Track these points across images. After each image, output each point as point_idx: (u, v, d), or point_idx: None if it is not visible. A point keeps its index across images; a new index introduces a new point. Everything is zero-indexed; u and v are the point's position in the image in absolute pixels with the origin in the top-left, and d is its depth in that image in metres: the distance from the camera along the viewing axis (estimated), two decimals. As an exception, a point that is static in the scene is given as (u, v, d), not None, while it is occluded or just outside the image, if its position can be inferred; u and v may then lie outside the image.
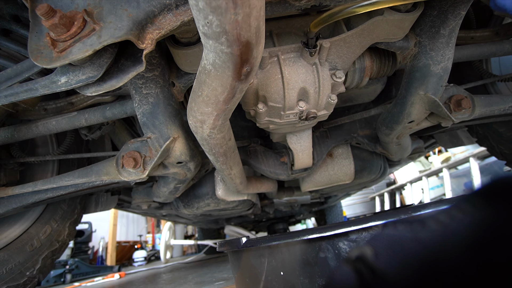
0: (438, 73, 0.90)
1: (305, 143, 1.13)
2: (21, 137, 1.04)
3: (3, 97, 0.66)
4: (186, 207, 1.59)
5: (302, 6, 0.69)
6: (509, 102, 1.09)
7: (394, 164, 1.80)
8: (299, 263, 0.60)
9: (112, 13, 0.55)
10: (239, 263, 0.76)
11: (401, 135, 1.17)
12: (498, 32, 1.16)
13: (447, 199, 0.65)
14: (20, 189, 1.04)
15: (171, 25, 0.58)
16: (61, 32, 0.52)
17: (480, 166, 3.41)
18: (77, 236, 4.90)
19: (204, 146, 0.83)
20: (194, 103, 0.66)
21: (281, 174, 1.32)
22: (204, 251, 4.44)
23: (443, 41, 0.85)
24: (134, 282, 2.30)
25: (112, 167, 0.97)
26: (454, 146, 1.82)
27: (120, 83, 0.61)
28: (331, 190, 2.09)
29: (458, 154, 4.70)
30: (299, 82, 0.81)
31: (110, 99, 1.08)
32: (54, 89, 0.61)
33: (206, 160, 1.22)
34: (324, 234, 0.57)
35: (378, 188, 5.82)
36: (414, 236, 0.25)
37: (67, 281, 3.71)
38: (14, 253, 1.24)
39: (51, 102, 1.09)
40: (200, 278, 1.86)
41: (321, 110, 0.90)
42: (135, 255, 5.67)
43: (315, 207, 3.48)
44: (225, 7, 0.39)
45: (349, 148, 1.45)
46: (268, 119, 0.91)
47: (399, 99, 1.03)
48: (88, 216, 3.65)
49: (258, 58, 0.54)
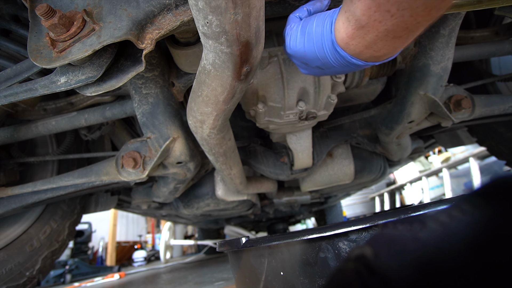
0: (438, 73, 0.90)
1: (305, 143, 1.13)
2: (21, 137, 1.03)
3: (3, 97, 0.66)
4: (186, 207, 1.59)
5: (302, 6, 0.69)
6: (509, 102, 1.09)
7: (394, 164, 1.80)
8: (299, 263, 0.60)
9: (111, 13, 0.55)
10: (239, 263, 0.76)
11: (401, 135, 1.17)
12: (498, 32, 1.16)
13: (447, 199, 0.65)
14: (20, 189, 1.04)
15: (170, 25, 0.58)
16: (61, 32, 0.52)
17: (480, 166, 3.41)
18: (77, 236, 4.89)
19: (204, 146, 0.83)
20: (194, 103, 0.66)
21: (281, 174, 1.32)
22: (204, 251, 4.44)
23: (443, 41, 0.85)
24: (134, 282, 2.30)
25: (112, 167, 0.97)
26: (454, 146, 1.82)
27: (120, 83, 0.60)
28: (331, 190, 2.09)
29: (458, 154, 4.70)
30: (299, 82, 0.81)
31: (109, 99, 1.08)
32: (54, 89, 0.61)
33: (206, 160, 1.21)
34: (324, 234, 0.56)
35: (378, 188, 5.82)
36: (414, 236, 0.25)
37: (67, 281, 3.70)
38: (14, 253, 1.24)
39: (50, 102, 1.09)
40: (200, 278, 1.86)
41: (321, 110, 0.90)
42: (135, 255, 5.66)
43: (315, 207, 3.48)
44: (225, 7, 0.39)
45: (349, 148, 1.45)
46: (268, 119, 0.91)
47: (399, 99, 1.03)
48: (88, 216, 3.66)
49: (258, 58, 0.54)
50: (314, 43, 0.50)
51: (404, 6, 0.36)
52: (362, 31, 0.42)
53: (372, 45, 0.43)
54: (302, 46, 0.52)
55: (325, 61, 0.50)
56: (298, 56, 0.55)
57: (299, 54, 0.55)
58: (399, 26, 0.39)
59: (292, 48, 0.55)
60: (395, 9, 0.37)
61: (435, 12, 0.37)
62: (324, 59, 0.50)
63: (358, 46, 0.44)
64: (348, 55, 0.46)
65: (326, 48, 0.48)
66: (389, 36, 0.41)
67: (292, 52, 0.56)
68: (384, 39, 0.42)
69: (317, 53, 0.50)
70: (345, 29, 0.44)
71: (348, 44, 0.45)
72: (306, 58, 0.54)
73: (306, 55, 0.53)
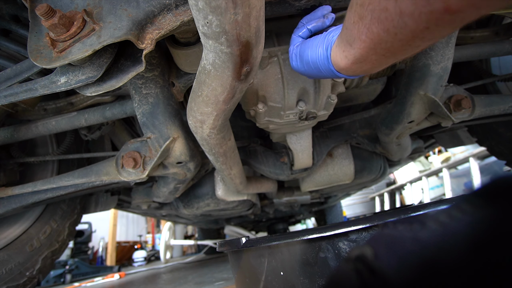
0: (438, 73, 0.90)
1: (305, 143, 1.13)
2: (21, 137, 1.03)
3: (3, 97, 0.66)
4: (186, 207, 1.59)
5: (302, 6, 0.69)
6: (509, 102, 1.09)
7: (394, 164, 1.80)
8: (299, 263, 0.60)
9: (111, 13, 0.55)
10: (239, 263, 0.76)
11: (401, 135, 1.17)
12: (498, 32, 1.16)
13: (447, 199, 0.65)
14: (20, 189, 1.04)
15: (170, 25, 0.58)
16: (61, 32, 0.52)
17: (480, 166, 3.40)
18: (77, 236, 4.89)
19: (204, 146, 0.83)
20: (194, 103, 0.66)
21: (281, 174, 1.32)
22: (204, 251, 4.44)
23: (443, 41, 0.85)
24: (134, 282, 2.30)
25: (112, 167, 0.97)
26: (454, 146, 1.82)
27: (120, 83, 0.60)
28: (331, 190, 2.09)
29: (458, 154, 4.70)
30: (299, 82, 0.81)
31: (110, 99, 1.08)
32: (54, 89, 0.61)
33: (206, 160, 1.21)
34: (324, 234, 0.57)
35: (378, 188, 5.81)
36: (414, 236, 0.25)
37: (67, 281, 3.70)
38: (14, 253, 1.24)
39: (50, 102, 1.09)
40: (200, 278, 1.86)
41: (321, 110, 0.90)
42: (135, 255, 5.66)
43: (315, 207, 3.48)
44: (225, 7, 0.39)
45: (349, 148, 1.45)
46: (268, 119, 0.91)
47: (399, 99, 1.03)
48: (88, 216, 3.66)
49: (258, 58, 0.54)
50: (312, 68, 0.59)
51: (396, 50, 0.41)
52: (359, 64, 0.49)
53: (368, 70, 0.51)
54: (303, 68, 0.62)
55: (325, 77, 0.61)
56: (303, 74, 0.66)
57: (302, 73, 0.65)
58: (393, 59, 0.45)
59: (295, 68, 0.65)
60: (389, 53, 0.42)
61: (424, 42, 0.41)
62: (324, 76, 0.60)
63: (356, 71, 0.52)
64: (346, 76, 0.55)
65: (323, 71, 0.57)
66: (383, 63, 0.47)
67: (297, 71, 0.66)
68: (379, 66, 0.49)
69: (315, 74, 0.61)
70: (344, 64, 0.51)
71: (346, 71, 0.53)
72: (309, 76, 0.64)
73: (308, 74, 0.63)
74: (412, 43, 0.38)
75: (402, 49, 0.40)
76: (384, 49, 0.41)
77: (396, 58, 0.44)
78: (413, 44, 0.38)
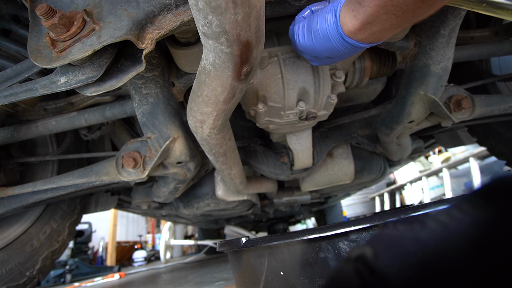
0: (438, 73, 0.90)
1: (305, 143, 1.13)
2: (21, 137, 1.03)
3: (3, 97, 0.66)
4: (186, 207, 1.59)
5: (302, 6, 0.69)
6: (509, 102, 1.09)
7: (394, 164, 1.80)
8: (299, 263, 0.60)
9: (111, 13, 0.55)
10: (239, 263, 0.76)
11: (401, 135, 1.17)
12: (498, 32, 1.16)
13: (447, 199, 0.65)
14: (20, 189, 1.04)
15: (171, 25, 0.58)
16: (61, 32, 0.52)
17: (480, 166, 3.40)
18: (77, 236, 4.89)
19: (204, 146, 0.83)
20: (194, 103, 0.66)
21: (281, 174, 1.32)
22: (204, 251, 4.44)
23: (443, 41, 0.85)
24: (134, 282, 2.30)
25: (112, 167, 0.97)
26: (454, 146, 1.82)
27: (120, 83, 0.60)
28: (331, 190, 2.09)
29: (458, 154, 4.70)
30: (299, 82, 0.81)
31: (110, 99, 1.08)
32: (54, 89, 0.61)
33: (206, 160, 1.21)
34: (324, 234, 0.56)
35: (378, 188, 5.81)
36: (414, 236, 0.25)
37: (67, 281, 3.70)
38: (14, 253, 1.24)
39: (51, 102, 1.09)
40: (200, 278, 1.86)
41: (321, 110, 0.90)
42: (135, 255, 5.66)
43: (315, 207, 3.48)
44: (225, 7, 0.39)
45: (349, 148, 1.45)
46: (268, 119, 0.91)
47: (399, 99, 1.03)
48: (88, 216, 3.66)
49: (258, 58, 0.54)
50: (321, 37, 0.57)
51: (409, 9, 0.41)
52: (369, 25, 0.48)
53: (377, 32, 0.50)
54: (311, 42, 0.59)
55: (334, 50, 0.57)
56: (309, 51, 0.62)
57: (309, 49, 0.61)
58: (404, 21, 0.44)
59: (302, 45, 0.62)
60: (400, 12, 0.41)
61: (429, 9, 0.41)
62: (332, 49, 0.57)
63: (365, 34, 0.50)
64: (356, 42, 0.53)
65: (333, 39, 0.55)
66: (393, 26, 0.46)
67: (303, 49, 0.63)
68: (389, 30, 0.48)
69: (325, 45, 0.57)
70: (353, 24, 0.50)
71: (356, 34, 0.51)
72: (316, 51, 0.61)
73: (316, 48, 0.60)
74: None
75: (415, 6, 0.39)
76: (396, 6, 0.40)
77: (407, 20, 0.43)
78: (426, 0, 0.37)
